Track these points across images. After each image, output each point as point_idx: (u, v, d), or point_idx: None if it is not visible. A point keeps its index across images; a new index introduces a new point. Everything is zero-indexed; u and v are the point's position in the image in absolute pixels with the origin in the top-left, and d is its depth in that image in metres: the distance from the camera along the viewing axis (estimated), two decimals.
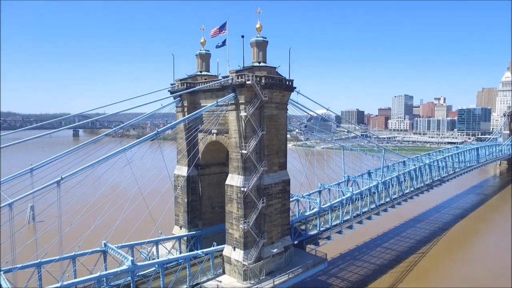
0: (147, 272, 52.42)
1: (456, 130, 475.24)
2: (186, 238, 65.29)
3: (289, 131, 69.98)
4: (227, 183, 57.36)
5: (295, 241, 65.63)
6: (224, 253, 57.05)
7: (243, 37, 54.82)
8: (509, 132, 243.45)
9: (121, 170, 55.24)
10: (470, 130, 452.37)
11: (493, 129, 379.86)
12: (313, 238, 69.64)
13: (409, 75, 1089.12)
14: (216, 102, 55.11)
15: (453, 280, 79.05)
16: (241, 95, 54.33)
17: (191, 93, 63.97)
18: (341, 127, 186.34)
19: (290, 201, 64.16)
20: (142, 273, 51.77)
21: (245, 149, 54.23)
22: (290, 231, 63.27)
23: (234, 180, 56.13)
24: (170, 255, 58.57)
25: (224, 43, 61.49)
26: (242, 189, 54.14)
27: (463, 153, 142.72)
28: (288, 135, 64.33)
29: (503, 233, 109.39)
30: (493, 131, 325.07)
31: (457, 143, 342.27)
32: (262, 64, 58.70)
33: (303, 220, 70.24)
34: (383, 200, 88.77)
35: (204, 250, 56.46)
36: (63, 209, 41.88)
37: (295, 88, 60.58)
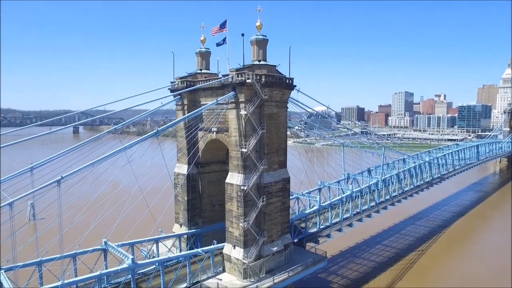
0: (148, 270, 52.59)
1: (456, 127, 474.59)
2: (186, 236, 65.50)
3: (289, 127, 69.93)
4: (227, 181, 57.45)
5: (295, 239, 65.87)
6: (224, 251, 57.25)
7: (243, 35, 54.72)
8: (509, 129, 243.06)
9: (121, 168, 55.27)
10: (470, 127, 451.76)
11: (494, 126, 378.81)
12: (313, 236, 69.90)
13: (410, 72, 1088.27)
14: (216, 100, 55.07)
15: (453, 277, 79.25)
16: (241, 94, 54.30)
17: (191, 91, 63.92)
18: (341, 124, 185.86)
19: (290, 199, 64.30)
20: (142, 271, 52.04)
21: (245, 148, 54.27)
22: (290, 229, 63.45)
23: (234, 178, 56.22)
24: (170, 253, 59.00)
25: (224, 41, 61.28)
26: (242, 187, 54.23)
27: (463, 151, 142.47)
28: (288, 132, 64.29)
29: (503, 231, 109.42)
30: (493, 128, 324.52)
31: (457, 140, 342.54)
32: (262, 62, 58.57)
33: (303, 218, 70.48)
34: (383, 197, 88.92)
35: (204, 248, 56.68)
36: (63, 207, 42.03)
37: (295, 86, 60.58)
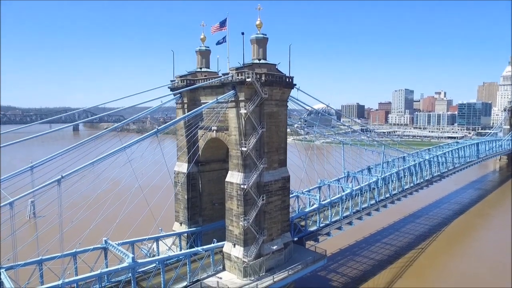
0: (148, 268, 52.73)
1: (456, 124, 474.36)
2: (186, 234, 65.61)
3: (289, 125, 69.83)
4: (227, 180, 57.48)
5: (295, 237, 65.91)
6: (224, 250, 57.34)
7: (243, 34, 54.52)
8: (509, 127, 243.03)
9: (121, 166, 55.30)
10: (470, 124, 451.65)
11: (494, 123, 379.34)
12: (312, 234, 70.04)
13: (410, 69, 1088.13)
14: (216, 99, 55.05)
15: (452, 275, 79.50)
16: (241, 93, 54.21)
17: (191, 89, 63.80)
18: (341, 123, 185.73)
19: (290, 198, 64.35)
20: (142, 270, 52.08)
21: (245, 147, 54.25)
22: (290, 227, 63.55)
23: (234, 177, 56.24)
24: (170, 251, 59.06)
25: (224, 39, 61.10)
26: (242, 186, 54.25)
27: (463, 149, 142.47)
28: (288, 129, 64.27)
29: (503, 228, 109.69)
30: (493, 126, 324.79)
31: (457, 137, 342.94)
32: (262, 61, 58.41)
33: (303, 216, 70.58)
34: (383, 196, 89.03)
35: (204, 247, 56.73)
36: (64, 206, 42.11)
37: (295, 85, 60.47)
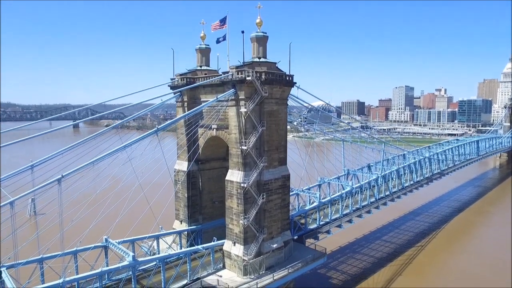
0: (148, 266, 52.88)
1: (456, 121, 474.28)
2: (186, 232, 65.77)
3: (289, 122, 69.82)
4: (227, 178, 57.54)
5: (295, 235, 66.07)
6: (224, 248, 57.50)
7: (243, 32, 54.23)
8: (509, 124, 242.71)
9: (122, 164, 55.32)
10: (470, 121, 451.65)
11: (494, 120, 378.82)
12: (312, 232, 70.17)
13: (410, 66, 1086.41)
14: (216, 97, 55.01)
15: (452, 272, 79.75)
16: (241, 91, 54.16)
17: (191, 88, 63.72)
18: (340, 120, 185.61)
19: (290, 196, 64.45)
20: (143, 268, 52.24)
21: (245, 145, 54.28)
22: (290, 225, 63.70)
23: (234, 175, 56.31)
24: (170, 249, 59.18)
25: (224, 37, 60.98)
26: (242, 184, 54.33)
27: (463, 146, 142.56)
28: (288, 126, 64.25)
29: (503, 226, 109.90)
30: (493, 123, 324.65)
31: (458, 134, 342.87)
32: (262, 59, 58.32)
33: (303, 214, 70.65)
34: (383, 193, 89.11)
35: (204, 245, 56.89)
36: (64, 205, 42.19)
37: (295, 83, 60.41)
